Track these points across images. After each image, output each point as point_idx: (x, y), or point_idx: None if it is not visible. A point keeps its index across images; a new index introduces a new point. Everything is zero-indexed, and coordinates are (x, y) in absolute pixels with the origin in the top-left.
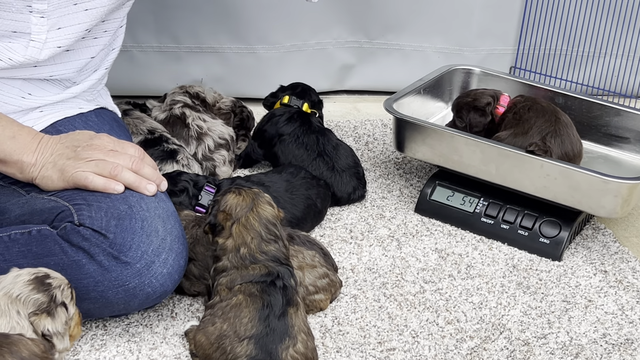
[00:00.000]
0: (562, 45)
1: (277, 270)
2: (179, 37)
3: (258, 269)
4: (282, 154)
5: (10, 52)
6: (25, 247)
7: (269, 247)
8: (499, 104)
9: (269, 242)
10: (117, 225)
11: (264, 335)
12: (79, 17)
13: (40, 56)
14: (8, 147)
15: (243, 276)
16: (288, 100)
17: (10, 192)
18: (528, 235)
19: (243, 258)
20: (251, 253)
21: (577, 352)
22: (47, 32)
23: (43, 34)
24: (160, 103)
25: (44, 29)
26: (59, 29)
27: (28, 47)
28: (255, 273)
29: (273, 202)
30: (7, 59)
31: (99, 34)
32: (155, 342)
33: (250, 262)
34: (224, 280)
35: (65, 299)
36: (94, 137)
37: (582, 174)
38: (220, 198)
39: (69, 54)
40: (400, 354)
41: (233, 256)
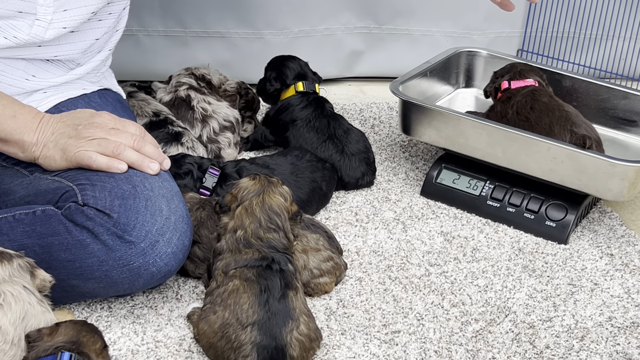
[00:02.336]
0: (569, 27)
1: (271, 256)
2: (185, 21)
3: (251, 253)
4: (294, 138)
5: (15, 30)
6: (29, 227)
7: (267, 235)
8: (507, 80)
9: (267, 230)
10: (121, 204)
11: (266, 320)
12: (86, 0)
13: (45, 35)
14: (9, 126)
15: (237, 260)
16: (303, 87)
17: (14, 172)
18: (534, 219)
19: (237, 241)
20: (246, 237)
21: (582, 335)
22: (53, 13)
23: (49, 15)
24: (166, 85)
25: (50, 10)
26: (64, 10)
27: (33, 26)
28: (248, 257)
29: (289, 195)
30: (11, 37)
31: (104, 16)
32: (160, 323)
33: (244, 246)
34: (220, 264)
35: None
36: (94, 115)
37: (588, 157)
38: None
39: (73, 35)
40: (405, 337)
41: (230, 237)
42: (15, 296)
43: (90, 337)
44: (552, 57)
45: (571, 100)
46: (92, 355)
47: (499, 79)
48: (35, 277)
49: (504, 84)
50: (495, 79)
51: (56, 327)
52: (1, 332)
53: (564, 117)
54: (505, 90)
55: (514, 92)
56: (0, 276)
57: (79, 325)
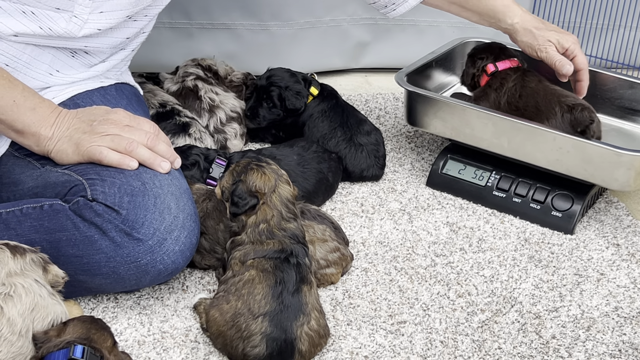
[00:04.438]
0: (575, 17)
1: (291, 248)
2: (190, 13)
3: (272, 244)
4: (308, 129)
5: (52, 22)
6: (37, 221)
7: (288, 225)
8: (492, 63)
9: (288, 220)
10: (130, 201)
11: (278, 312)
12: (122, 4)
13: (79, 34)
14: (28, 118)
15: (256, 251)
16: (317, 90)
17: (25, 164)
18: (540, 209)
19: (260, 233)
20: (269, 229)
21: (588, 325)
22: (89, 13)
23: (85, 15)
24: (173, 75)
25: (87, 10)
26: (101, 12)
27: (69, 22)
28: (268, 248)
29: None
30: (46, 28)
31: (139, 17)
32: (166, 314)
33: (267, 238)
34: (237, 254)
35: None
36: (110, 111)
37: (594, 146)
38: (244, 178)
39: (106, 31)
40: (411, 327)
41: (252, 231)
42: (26, 288)
43: (100, 334)
44: None
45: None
46: (104, 352)
47: (481, 62)
48: (48, 272)
49: (489, 67)
50: (473, 62)
51: (63, 326)
52: (9, 323)
53: (549, 93)
54: (493, 74)
55: (504, 76)
56: (12, 269)
57: (87, 323)
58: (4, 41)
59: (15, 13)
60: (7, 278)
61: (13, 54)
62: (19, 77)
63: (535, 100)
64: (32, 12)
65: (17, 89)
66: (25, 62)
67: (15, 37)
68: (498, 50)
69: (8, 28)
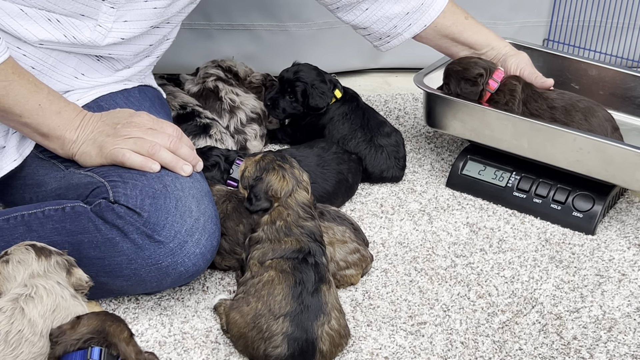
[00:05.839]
0: (596, 16)
1: (309, 247)
2: (210, 14)
3: (290, 242)
4: (329, 132)
5: (76, 30)
6: (59, 224)
7: (306, 223)
8: (491, 78)
9: (305, 220)
10: (151, 204)
11: (298, 313)
12: (146, 14)
13: (103, 42)
14: (53, 122)
15: (275, 250)
16: (340, 93)
17: (50, 165)
18: (561, 209)
19: (278, 230)
20: (287, 225)
21: (610, 326)
22: (114, 22)
23: (109, 23)
24: (193, 77)
25: (111, 18)
26: (125, 21)
27: (93, 31)
28: (286, 247)
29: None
30: (71, 36)
31: (162, 25)
32: (186, 315)
33: (285, 235)
34: (256, 254)
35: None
36: (133, 114)
37: (615, 147)
38: (263, 177)
39: (129, 39)
40: (431, 328)
41: (268, 228)
42: (47, 290)
43: (115, 326)
44: (578, 46)
45: (597, 90)
46: (121, 345)
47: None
48: (72, 275)
49: (492, 84)
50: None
51: (77, 320)
52: (30, 324)
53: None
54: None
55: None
56: (35, 270)
57: (101, 316)
58: (31, 44)
59: (40, 20)
60: (29, 279)
61: (39, 57)
62: (44, 80)
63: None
64: (57, 19)
65: (42, 92)
66: (51, 66)
67: (41, 45)
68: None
69: (33, 35)
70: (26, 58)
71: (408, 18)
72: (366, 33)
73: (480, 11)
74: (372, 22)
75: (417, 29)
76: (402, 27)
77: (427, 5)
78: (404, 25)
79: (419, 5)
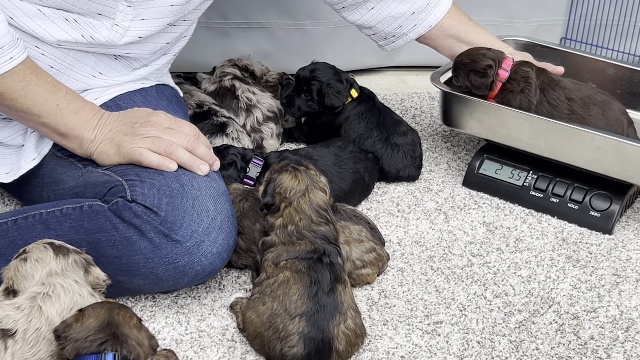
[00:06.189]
0: (613, 15)
1: (323, 248)
2: (226, 12)
3: (304, 244)
4: (345, 131)
5: (94, 30)
6: (77, 222)
7: (319, 228)
8: (501, 68)
9: (319, 224)
10: (168, 203)
11: (314, 312)
12: (163, 12)
13: (120, 42)
14: (71, 121)
15: (289, 252)
16: (356, 93)
17: (68, 164)
18: (578, 209)
19: (290, 234)
20: (298, 230)
21: (627, 326)
22: (131, 20)
23: (127, 22)
24: (210, 75)
25: (128, 17)
26: (142, 19)
27: (111, 31)
28: (300, 249)
29: (327, 187)
30: (88, 36)
31: (178, 22)
32: (203, 313)
33: (297, 239)
34: (270, 256)
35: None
36: (151, 114)
37: (633, 146)
38: (275, 176)
39: (147, 37)
40: (447, 327)
41: (281, 232)
42: (65, 288)
43: (123, 313)
44: (595, 45)
45: (615, 88)
46: (132, 333)
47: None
48: (89, 274)
49: (502, 74)
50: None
51: (81, 312)
52: (48, 322)
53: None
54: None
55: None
56: (53, 269)
57: (106, 305)
58: (49, 44)
59: (58, 20)
60: (47, 278)
61: (58, 56)
62: (62, 79)
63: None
64: (75, 19)
65: (60, 92)
66: (69, 65)
67: (58, 45)
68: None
69: (51, 36)
70: (44, 57)
71: (414, 18)
72: (371, 33)
73: (496, 10)
74: (378, 21)
75: (423, 29)
76: (408, 27)
77: (432, 5)
78: (409, 25)
79: (424, 6)
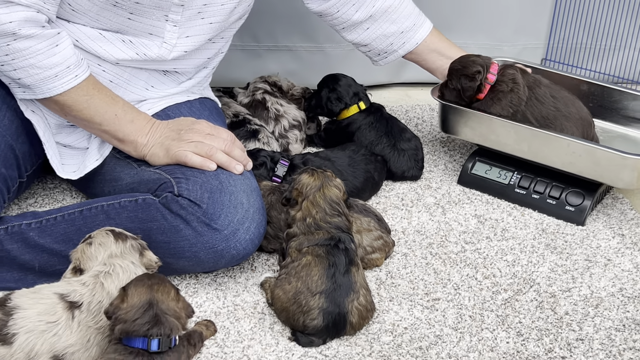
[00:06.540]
0: (587, 39)
1: (338, 236)
2: (258, 37)
3: (322, 234)
4: (357, 138)
5: (146, 48)
6: (132, 213)
7: (333, 219)
8: (489, 73)
9: (332, 216)
10: (209, 197)
11: (332, 290)
12: (204, 29)
13: (169, 57)
14: (127, 129)
15: (309, 240)
16: (365, 105)
17: (125, 164)
18: (556, 204)
19: (309, 226)
20: (315, 222)
21: (597, 304)
22: (177, 38)
23: (174, 40)
24: (244, 90)
25: (175, 35)
26: (187, 37)
27: (161, 48)
28: (319, 237)
29: (342, 186)
30: (142, 54)
31: (217, 39)
32: (238, 290)
33: (315, 229)
34: (293, 244)
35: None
36: (195, 122)
37: (603, 151)
38: (297, 176)
39: (191, 53)
40: (444, 303)
41: (301, 224)
42: (123, 268)
43: (161, 288)
44: (572, 65)
45: (588, 102)
46: (170, 307)
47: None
48: (143, 257)
49: (490, 77)
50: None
51: (124, 291)
52: (108, 296)
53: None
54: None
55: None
56: (113, 251)
57: (146, 281)
58: (109, 62)
59: (116, 42)
60: (108, 259)
61: (116, 72)
62: (120, 91)
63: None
64: (130, 40)
65: (118, 104)
66: (125, 79)
67: (117, 63)
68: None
69: (110, 55)
70: (105, 73)
71: (403, 36)
72: (367, 50)
73: (488, 35)
74: (372, 39)
75: (410, 46)
76: (398, 44)
77: (418, 25)
78: (399, 43)
79: (411, 26)
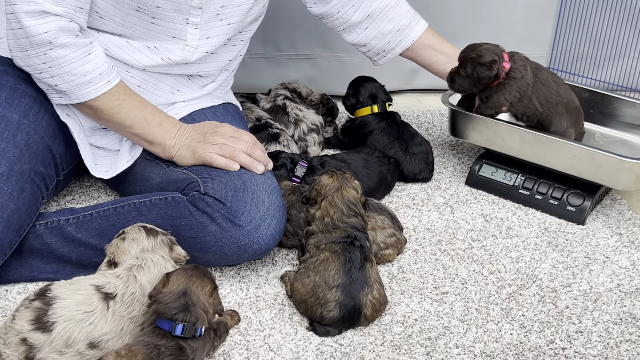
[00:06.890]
0: (589, 49)
1: (354, 234)
2: (280, 46)
3: (339, 232)
4: (371, 142)
5: (169, 52)
6: (162, 210)
7: (349, 220)
8: (504, 61)
9: (349, 216)
10: (233, 196)
11: (348, 284)
12: (223, 29)
13: (192, 59)
14: (155, 131)
15: (327, 238)
16: (378, 109)
17: (154, 164)
18: (557, 204)
19: (326, 225)
20: (333, 221)
21: (595, 299)
22: (199, 40)
23: (195, 42)
24: (266, 96)
25: (196, 37)
26: (207, 38)
27: (184, 50)
28: (336, 235)
29: (359, 187)
30: (166, 58)
31: (236, 42)
32: (259, 282)
33: (333, 228)
34: (312, 241)
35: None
36: (219, 126)
37: (603, 155)
38: (318, 177)
39: (213, 56)
40: (452, 297)
41: (319, 223)
42: (154, 262)
43: (199, 281)
44: (574, 73)
45: (588, 109)
46: (200, 300)
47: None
48: (173, 251)
49: (506, 66)
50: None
51: (167, 277)
52: (141, 288)
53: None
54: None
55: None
56: (145, 246)
57: (188, 272)
58: (137, 68)
59: (142, 49)
60: (140, 253)
61: (143, 78)
62: (147, 96)
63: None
64: (155, 46)
65: (147, 109)
66: (152, 84)
67: (144, 69)
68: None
69: (138, 62)
70: (133, 79)
71: (399, 34)
72: (366, 50)
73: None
74: (370, 38)
75: (407, 43)
76: (395, 42)
77: (413, 24)
78: (396, 41)
79: (407, 24)
